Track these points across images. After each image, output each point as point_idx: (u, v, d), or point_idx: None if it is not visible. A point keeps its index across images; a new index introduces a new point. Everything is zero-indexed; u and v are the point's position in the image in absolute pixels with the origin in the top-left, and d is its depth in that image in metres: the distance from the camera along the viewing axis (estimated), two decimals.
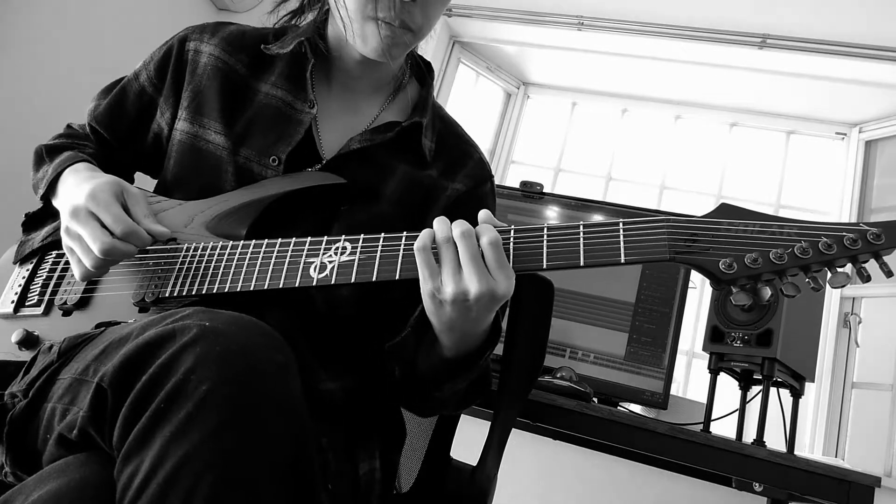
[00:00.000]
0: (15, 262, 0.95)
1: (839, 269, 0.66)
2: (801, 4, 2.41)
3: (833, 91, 2.64)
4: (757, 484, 1.21)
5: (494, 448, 0.99)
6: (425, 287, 0.71)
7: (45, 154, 0.95)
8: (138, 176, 1.05)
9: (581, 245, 0.70)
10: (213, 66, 0.92)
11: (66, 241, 0.80)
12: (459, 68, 3.05)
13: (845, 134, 2.81)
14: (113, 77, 1.03)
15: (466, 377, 0.81)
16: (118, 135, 0.99)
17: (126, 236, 0.77)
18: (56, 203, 0.89)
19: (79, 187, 0.82)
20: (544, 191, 1.69)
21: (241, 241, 0.80)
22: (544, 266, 0.71)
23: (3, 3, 1.64)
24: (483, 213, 0.73)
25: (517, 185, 1.71)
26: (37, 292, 0.89)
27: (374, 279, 0.74)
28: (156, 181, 0.99)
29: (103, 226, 0.78)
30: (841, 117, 2.80)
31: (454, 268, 0.70)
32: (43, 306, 0.88)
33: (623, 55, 2.77)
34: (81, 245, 0.79)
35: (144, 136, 0.98)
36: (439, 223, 0.72)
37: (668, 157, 3.01)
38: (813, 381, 1.45)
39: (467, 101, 3.08)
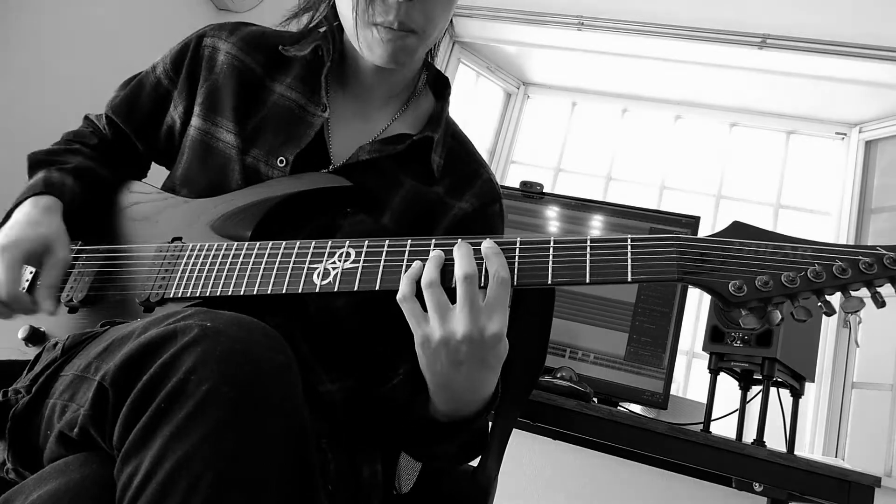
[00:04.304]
0: None
1: (853, 294, 0.63)
2: (801, 4, 2.41)
3: (833, 91, 2.63)
4: (757, 484, 1.21)
5: (495, 449, 0.99)
6: (416, 334, 0.71)
7: (28, 168, 0.96)
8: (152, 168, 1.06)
9: (587, 262, 0.69)
10: (230, 64, 0.92)
11: None
12: (459, 68, 3.04)
13: (845, 134, 2.81)
14: (113, 76, 1.04)
15: (456, 441, 0.80)
16: (134, 126, 1.00)
17: (7, 302, 0.80)
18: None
19: (12, 229, 0.83)
20: (544, 191, 1.69)
21: (246, 243, 0.81)
22: (549, 282, 0.69)
23: (3, 3, 1.64)
24: (487, 243, 0.71)
25: (517, 185, 1.71)
26: None
27: (377, 288, 0.73)
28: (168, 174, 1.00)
29: None
30: (841, 117, 2.80)
31: (440, 312, 0.69)
32: None
33: (623, 55, 2.76)
34: None
35: (158, 129, 0.98)
36: (424, 265, 0.71)
37: (668, 157, 3.00)
38: (813, 381, 1.45)
39: (467, 101, 3.08)
